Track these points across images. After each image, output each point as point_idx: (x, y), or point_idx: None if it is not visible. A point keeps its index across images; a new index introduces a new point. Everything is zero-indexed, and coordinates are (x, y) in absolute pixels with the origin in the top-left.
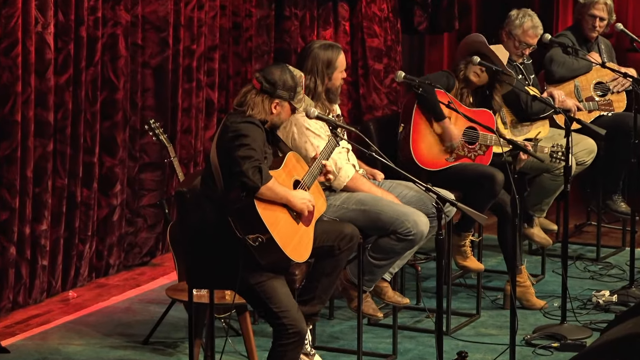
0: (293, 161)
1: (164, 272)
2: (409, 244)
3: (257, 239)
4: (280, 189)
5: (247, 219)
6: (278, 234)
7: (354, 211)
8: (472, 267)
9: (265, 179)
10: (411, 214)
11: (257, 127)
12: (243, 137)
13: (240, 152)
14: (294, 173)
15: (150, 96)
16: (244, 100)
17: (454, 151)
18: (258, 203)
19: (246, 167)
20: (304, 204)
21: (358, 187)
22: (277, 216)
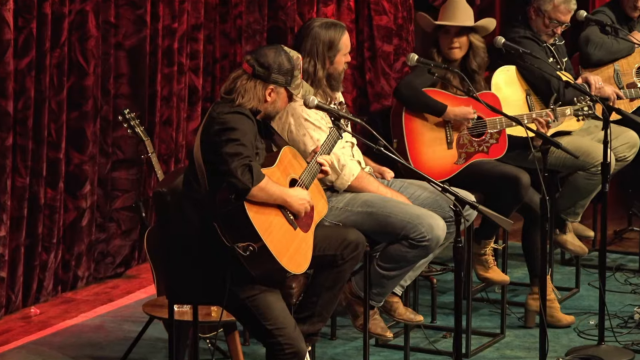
0: (289, 157)
1: (141, 285)
2: (423, 251)
3: (248, 247)
4: (274, 188)
5: (236, 225)
6: (272, 242)
7: (360, 214)
8: (495, 279)
9: (257, 178)
10: (426, 216)
11: (246, 119)
12: (231, 130)
13: (227, 148)
14: (290, 171)
15: (124, 82)
16: (233, 87)
17: (463, 149)
18: (249, 206)
19: (234, 165)
20: (302, 205)
21: (364, 186)
22: (271, 221)
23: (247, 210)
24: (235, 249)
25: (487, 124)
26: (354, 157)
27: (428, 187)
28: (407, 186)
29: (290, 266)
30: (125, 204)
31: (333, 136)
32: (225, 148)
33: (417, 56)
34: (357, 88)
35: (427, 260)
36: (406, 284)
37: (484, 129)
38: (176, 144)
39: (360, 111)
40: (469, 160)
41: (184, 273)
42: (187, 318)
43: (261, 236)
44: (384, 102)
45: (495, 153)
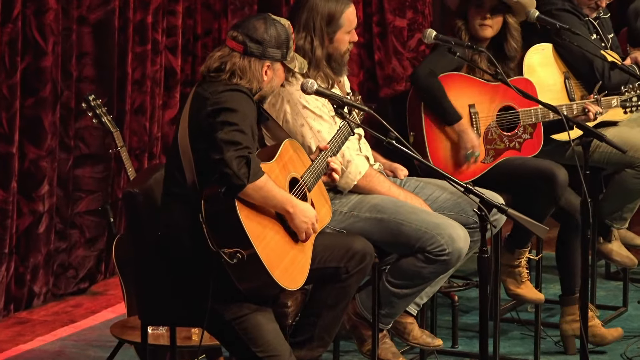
0: (290, 152)
1: (108, 303)
2: (442, 267)
3: (236, 254)
4: (275, 191)
5: (224, 227)
6: (264, 250)
7: (368, 221)
8: (528, 296)
9: (254, 174)
10: (445, 226)
11: (248, 99)
12: (228, 112)
13: (223, 134)
14: (290, 168)
15: (89, 63)
16: (223, 68)
17: (491, 145)
18: (241, 207)
19: (230, 155)
20: (304, 224)
21: (373, 187)
22: (265, 226)
23: (239, 210)
24: (220, 254)
25: (521, 116)
26: (361, 151)
27: (448, 187)
28: (424, 186)
29: (284, 280)
30: (90, 207)
31: (344, 132)
32: (220, 133)
33: (435, 32)
34: (364, 70)
35: (447, 275)
36: (423, 302)
37: (516, 122)
38: (150, 137)
39: (368, 97)
40: (498, 158)
41: (160, 288)
42: (164, 342)
43: (252, 242)
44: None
45: (529, 150)
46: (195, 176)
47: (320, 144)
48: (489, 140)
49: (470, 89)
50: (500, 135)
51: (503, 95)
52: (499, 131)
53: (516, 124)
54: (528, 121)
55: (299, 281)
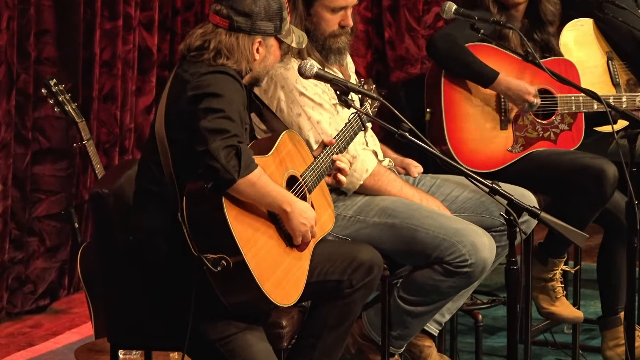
0: (289, 145)
1: (72, 323)
2: (463, 280)
3: (220, 261)
4: (270, 186)
5: (207, 227)
6: (254, 258)
7: (376, 227)
8: (564, 315)
9: (246, 167)
10: (467, 231)
11: (235, 82)
12: (213, 97)
13: (207, 122)
14: (289, 164)
15: (49, 42)
16: (206, 46)
17: (522, 133)
18: (229, 205)
19: (216, 145)
20: (302, 226)
21: (382, 187)
22: (257, 230)
23: (226, 210)
24: (202, 260)
25: (559, 103)
26: (368, 145)
27: (470, 185)
28: (441, 184)
29: (276, 295)
30: (51, 211)
31: (354, 125)
32: (204, 121)
33: (456, 6)
34: (372, 50)
35: (470, 290)
36: (445, 320)
37: (553, 109)
38: (122, 128)
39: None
40: (528, 148)
41: (133, 305)
42: None
43: (240, 248)
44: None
45: (566, 143)
46: (174, 171)
47: (321, 136)
48: (519, 126)
49: (502, 65)
50: (533, 122)
51: (540, 77)
52: (531, 117)
53: (553, 111)
54: (566, 110)
55: (293, 297)
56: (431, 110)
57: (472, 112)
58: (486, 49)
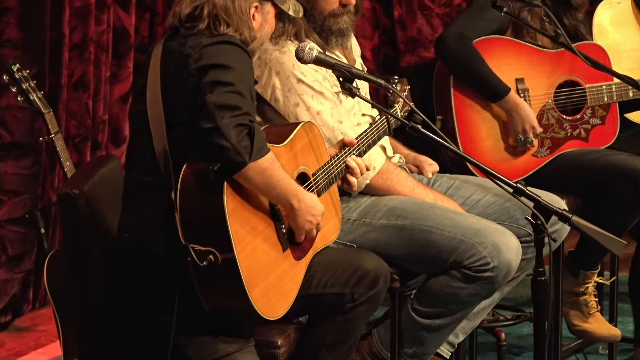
0: (305, 139)
1: (38, 342)
2: (486, 285)
3: (208, 255)
4: (281, 176)
5: (200, 214)
6: (246, 259)
7: (384, 229)
8: (598, 332)
9: (259, 150)
10: (488, 231)
11: (243, 54)
12: (220, 69)
13: (215, 97)
14: (301, 160)
15: (11, 22)
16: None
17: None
18: (230, 193)
19: (226, 122)
20: (310, 224)
21: (391, 186)
22: (255, 227)
23: (226, 199)
24: (188, 250)
25: (588, 94)
26: None
27: (493, 188)
28: (460, 186)
29: (261, 305)
30: (14, 214)
31: (379, 128)
32: (211, 95)
33: None
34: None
35: (492, 302)
36: (458, 341)
37: (582, 102)
38: (94, 120)
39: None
40: (556, 150)
41: (107, 322)
42: None
43: (233, 245)
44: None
45: (599, 140)
46: (171, 159)
47: (322, 129)
48: (544, 126)
49: (518, 58)
50: (560, 119)
51: (564, 66)
52: (557, 114)
53: (582, 105)
54: (598, 101)
55: (279, 310)
56: (441, 117)
57: (487, 117)
58: (502, 43)
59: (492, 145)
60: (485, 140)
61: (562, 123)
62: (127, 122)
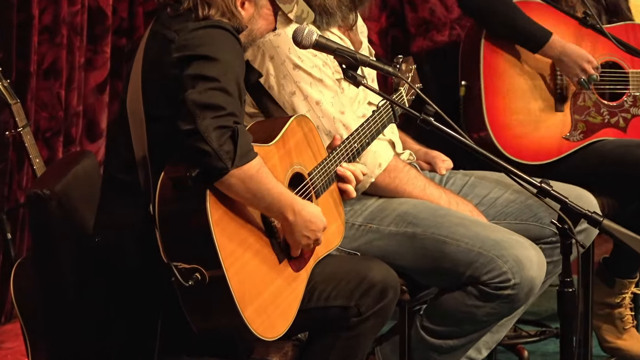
0: (298, 134)
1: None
2: (506, 304)
3: (194, 273)
4: (271, 184)
5: (183, 228)
6: (237, 275)
7: (392, 237)
8: (633, 350)
9: (243, 155)
10: (509, 243)
11: (234, 41)
12: (205, 61)
13: (196, 94)
14: (295, 159)
15: None
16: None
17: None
18: (214, 203)
19: (206, 124)
20: (308, 240)
21: (399, 186)
22: (245, 239)
23: (210, 209)
24: (172, 268)
25: (630, 80)
26: (384, 134)
27: (513, 184)
28: (476, 183)
29: (258, 324)
30: None
31: (382, 117)
32: (192, 92)
33: None
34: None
35: (513, 318)
36: (480, 357)
37: (624, 88)
38: (67, 112)
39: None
40: (589, 136)
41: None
42: None
43: (221, 261)
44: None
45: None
46: (149, 157)
47: (321, 120)
48: (579, 108)
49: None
50: (598, 103)
51: (605, 44)
52: (595, 97)
53: (623, 90)
54: None
55: (279, 328)
56: (466, 83)
57: (519, 87)
58: (538, 8)
59: (523, 118)
60: (514, 112)
61: (599, 107)
62: (104, 114)
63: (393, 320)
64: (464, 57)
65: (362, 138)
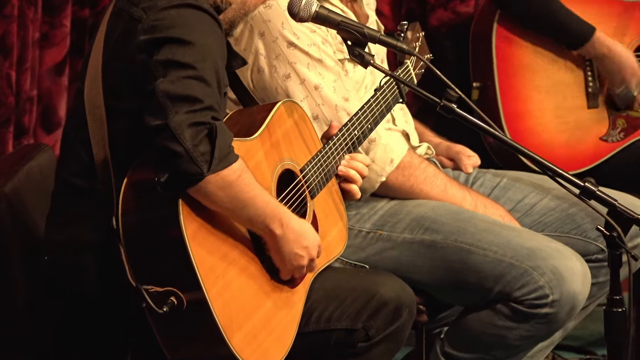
0: (286, 123)
1: None
2: (543, 326)
3: (169, 298)
4: (254, 191)
5: (152, 244)
6: (220, 297)
7: (407, 246)
8: None
9: (222, 157)
10: (547, 251)
11: (212, 23)
12: (178, 45)
13: (168, 83)
14: (284, 152)
15: None
16: None
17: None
18: (188, 214)
19: (179, 119)
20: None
21: (415, 186)
22: (227, 253)
23: (183, 220)
24: (141, 292)
25: None
26: (396, 123)
27: (553, 187)
28: (509, 185)
29: (248, 354)
30: None
31: (387, 97)
32: (163, 82)
33: None
34: None
35: (551, 342)
36: None
37: None
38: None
39: None
40: (632, 134)
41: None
42: None
43: (201, 281)
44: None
45: None
46: (111, 158)
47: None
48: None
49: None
50: None
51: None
52: None
53: None
54: None
55: (274, 357)
56: (479, 84)
57: (542, 84)
58: None
59: (549, 122)
60: (538, 115)
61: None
62: (62, 100)
63: (408, 346)
64: (474, 49)
65: (364, 123)
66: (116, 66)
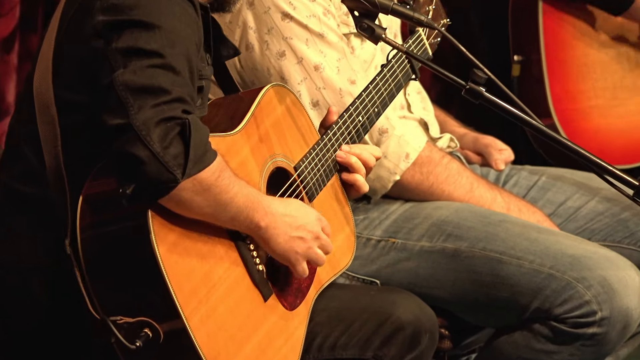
0: (276, 110)
1: None
2: (588, 349)
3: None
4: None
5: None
6: (204, 326)
7: (426, 257)
8: None
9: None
10: (594, 260)
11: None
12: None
13: (130, 74)
14: (275, 146)
15: None
16: None
17: None
18: (160, 226)
19: (144, 117)
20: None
21: (435, 184)
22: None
23: (155, 236)
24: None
25: None
26: (412, 110)
27: (602, 187)
28: (548, 185)
29: None
30: None
31: (397, 74)
32: (124, 72)
33: None
34: None
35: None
36: None
37: None
38: None
39: None
40: None
41: None
42: None
43: (179, 308)
44: None
45: None
46: (63, 161)
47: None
48: None
49: None
50: None
51: None
52: None
53: None
54: None
55: None
56: (522, 57)
57: (596, 60)
58: None
59: (603, 106)
60: (591, 95)
61: None
62: (11, 82)
63: None
64: (514, 21)
65: (369, 107)
66: (68, 51)
